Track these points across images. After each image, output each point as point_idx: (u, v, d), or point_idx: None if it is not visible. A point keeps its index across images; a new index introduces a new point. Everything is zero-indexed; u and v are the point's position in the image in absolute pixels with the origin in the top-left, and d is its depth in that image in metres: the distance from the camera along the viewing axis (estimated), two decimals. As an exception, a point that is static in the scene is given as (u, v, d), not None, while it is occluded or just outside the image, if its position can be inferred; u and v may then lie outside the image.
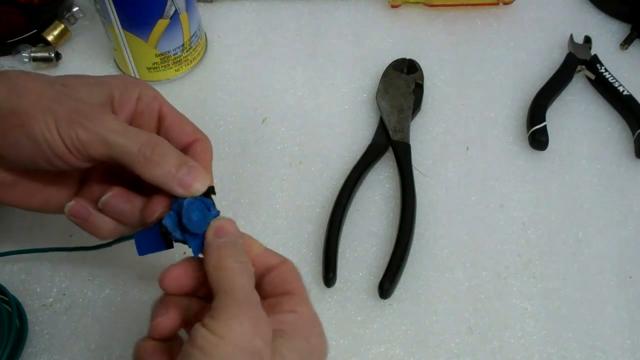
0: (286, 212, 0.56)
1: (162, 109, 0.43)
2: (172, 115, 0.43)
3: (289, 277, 0.39)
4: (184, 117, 0.44)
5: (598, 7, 0.69)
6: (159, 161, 0.38)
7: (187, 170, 0.39)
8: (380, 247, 0.54)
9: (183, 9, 0.58)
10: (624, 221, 0.56)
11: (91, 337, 0.50)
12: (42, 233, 0.54)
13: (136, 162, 0.38)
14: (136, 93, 0.42)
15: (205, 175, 0.40)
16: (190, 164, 0.39)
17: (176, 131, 0.43)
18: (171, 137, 0.43)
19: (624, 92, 0.61)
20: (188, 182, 0.39)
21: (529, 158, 0.59)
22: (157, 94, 0.44)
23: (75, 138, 0.38)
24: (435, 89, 0.63)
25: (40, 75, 0.41)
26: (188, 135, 0.43)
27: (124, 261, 0.53)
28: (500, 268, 0.53)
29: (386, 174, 0.58)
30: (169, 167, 0.38)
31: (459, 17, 0.68)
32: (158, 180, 0.39)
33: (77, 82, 0.41)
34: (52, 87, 0.40)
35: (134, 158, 0.38)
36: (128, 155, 0.38)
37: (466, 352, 0.49)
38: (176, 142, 0.43)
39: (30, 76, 0.40)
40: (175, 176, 0.38)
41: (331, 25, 0.68)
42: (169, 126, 0.43)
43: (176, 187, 0.39)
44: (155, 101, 0.43)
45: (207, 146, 0.43)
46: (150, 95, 0.43)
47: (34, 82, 0.40)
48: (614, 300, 0.52)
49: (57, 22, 0.65)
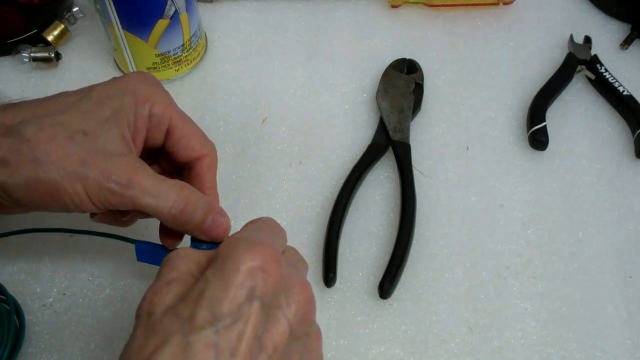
0: (286, 212, 0.56)
1: (171, 122, 0.43)
2: (180, 127, 0.43)
3: None
4: (191, 127, 0.44)
5: (598, 7, 0.69)
6: (187, 220, 0.40)
7: (211, 221, 0.40)
8: (380, 247, 0.54)
9: (183, 9, 0.58)
10: (624, 221, 0.56)
11: (91, 337, 0.50)
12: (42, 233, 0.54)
13: (165, 220, 0.40)
14: (147, 110, 0.42)
15: (227, 224, 0.41)
16: (215, 213, 0.41)
17: (183, 145, 0.44)
18: (177, 151, 0.44)
19: (624, 92, 0.61)
20: (211, 232, 0.40)
21: (529, 158, 0.59)
22: (167, 103, 0.43)
23: (105, 200, 0.39)
24: (435, 89, 0.63)
25: (56, 121, 0.39)
26: (194, 151, 0.44)
27: (124, 261, 0.53)
28: (500, 268, 0.53)
29: (386, 174, 0.58)
30: (196, 222, 0.40)
31: (459, 17, 0.68)
32: (185, 232, 0.41)
33: (94, 124, 0.40)
34: (72, 141, 0.38)
35: (164, 218, 0.40)
36: (159, 215, 0.40)
37: (466, 352, 0.49)
38: (182, 156, 0.44)
39: (47, 132, 0.38)
40: (200, 227, 0.40)
41: (331, 25, 0.68)
42: (177, 140, 0.44)
43: (200, 235, 0.41)
44: (165, 116, 0.43)
45: (212, 163, 0.45)
46: (160, 111, 0.43)
47: (54, 141, 0.38)
48: (614, 300, 0.52)
49: (57, 22, 0.65)
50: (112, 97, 0.41)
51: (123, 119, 0.41)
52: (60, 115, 0.40)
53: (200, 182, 0.44)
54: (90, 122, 0.40)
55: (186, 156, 0.44)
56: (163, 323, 0.32)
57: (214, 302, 0.31)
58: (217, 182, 0.45)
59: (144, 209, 0.40)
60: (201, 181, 0.44)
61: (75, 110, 0.40)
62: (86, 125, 0.39)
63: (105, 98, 0.41)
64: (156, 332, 0.31)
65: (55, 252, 0.53)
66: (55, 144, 0.38)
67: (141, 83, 0.43)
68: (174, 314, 0.32)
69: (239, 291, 0.32)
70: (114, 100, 0.41)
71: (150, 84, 0.43)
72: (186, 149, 0.44)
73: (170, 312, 0.32)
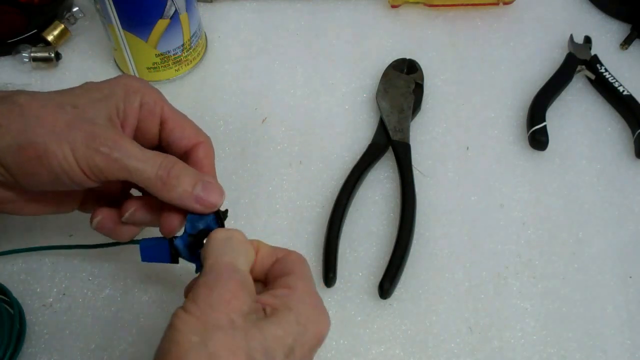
0: (286, 212, 0.56)
1: (163, 113, 0.43)
2: (173, 118, 0.44)
3: (292, 261, 0.39)
4: (185, 119, 0.45)
5: (598, 7, 0.69)
6: (175, 183, 0.40)
7: (201, 186, 0.40)
8: (380, 247, 0.54)
9: (183, 9, 0.58)
10: (624, 221, 0.56)
11: (91, 337, 0.50)
12: (42, 233, 0.54)
13: (153, 186, 0.40)
14: (138, 100, 0.42)
15: (219, 190, 0.41)
16: (204, 180, 0.40)
17: (178, 136, 0.44)
18: (173, 141, 0.44)
19: (624, 92, 0.61)
20: (204, 197, 0.40)
21: (529, 158, 0.59)
22: (158, 96, 0.44)
23: (93, 165, 0.39)
24: (435, 89, 0.63)
25: (49, 96, 0.41)
26: (189, 139, 0.44)
27: (124, 261, 0.53)
28: (500, 268, 0.53)
29: (386, 174, 0.58)
30: (185, 186, 0.40)
31: (459, 17, 0.68)
32: (175, 201, 0.40)
33: (85, 101, 0.41)
34: (63, 110, 0.40)
35: (151, 182, 0.40)
36: (146, 180, 0.40)
37: (466, 352, 0.49)
38: (178, 146, 0.44)
39: (39, 101, 0.40)
40: (191, 194, 0.40)
41: (331, 25, 0.68)
42: (171, 130, 0.44)
43: (193, 204, 0.40)
44: (157, 106, 0.43)
45: (208, 150, 0.44)
46: (152, 101, 0.43)
47: (45, 108, 0.39)
48: (614, 300, 0.52)
49: (57, 22, 0.65)
50: (103, 88, 0.42)
51: (112, 104, 0.42)
52: (53, 94, 0.41)
53: (199, 168, 0.43)
54: (80, 100, 0.41)
55: (182, 145, 0.44)
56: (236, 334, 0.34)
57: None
58: (215, 171, 0.45)
59: (131, 175, 0.39)
60: (200, 168, 0.43)
61: (67, 92, 0.42)
62: (77, 101, 0.41)
63: (96, 88, 0.42)
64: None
65: (55, 252, 0.53)
66: (46, 110, 0.39)
67: (132, 80, 0.44)
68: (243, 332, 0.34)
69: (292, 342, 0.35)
70: (104, 90, 0.42)
71: (141, 81, 0.44)
72: (181, 139, 0.44)
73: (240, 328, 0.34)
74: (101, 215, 0.44)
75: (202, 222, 0.41)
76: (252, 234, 0.41)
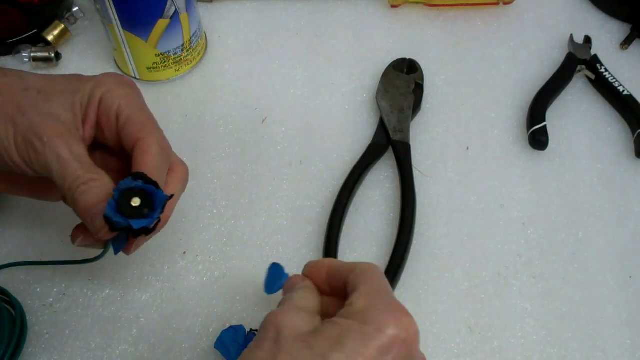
0: (286, 212, 0.56)
1: (118, 108, 0.43)
2: (126, 114, 0.43)
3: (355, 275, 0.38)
4: (135, 115, 0.43)
5: (598, 7, 0.69)
6: (78, 199, 0.40)
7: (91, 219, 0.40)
8: (380, 247, 0.54)
9: (183, 9, 0.58)
10: (624, 221, 0.56)
11: (91, 337, 0.50)
12: (42, 233, 0.54)
13: (64, 194, 0.40)
14: (99, 94, 0.42)
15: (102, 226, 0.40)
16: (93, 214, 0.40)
17: (125, 135, 0.43)
18: (123, 139, 0.43)
19: (624, 92, 0.61)
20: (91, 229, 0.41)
21: (529, 158, 0.59)
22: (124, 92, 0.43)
23: (26, 155, 0.40)
24: (435, 89, 0.63)
25: (21, 77, 0.42)
26: (131, 136, 0.43)
27: (124, 261, 0.53)
28: (500, 268, 0.53)
29: (386, 174, 0.58)
30: (80, 211, 0.40)
31: (459, 17, 0.68)
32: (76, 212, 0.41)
33: (54, 90, 0.42)
34: (25, 93, 0.41)
35: (64, 190, 0.40)
36: (60, 186, 0.40)
37: (466, 352, 0.49)
38: (127, 144, 0.43)
39: (8, 78, 0.41)
40: (86, 217, 0.40)
41: (331, 25, 0.68)
42: (122, 126, 0.43)
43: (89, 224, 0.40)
44: (115, 101, 0.43)
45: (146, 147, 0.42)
46: (111, 96, 0.43)
47: (10, 85, 0.41)
48: (614, 300, 0.52)
49: (57, 22, 0.65)
50: (82, 80, 0.43)
51: (78, 97, 0.42)
52: (30, 75, 0.43)
53: (135, 168, 0.41)
54: (51, 87, 0.42)
55: (130, 143, 0.42)
56: (295, 347, 0.33)
57: (351, 353, 0.33)
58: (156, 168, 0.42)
59: (52, 176, 0.40)
60: (137, 167, 0.41)
61: (45, 78, 0.43)
62: (44, 86, 0.42)
63: (77, 79, 0.43)
64: (285, 352, 0.33)
65: (55, 252, 0.53)
66: (9, 87, 0.41)
67: (108, 76, 0.44)
68: (306, 344, 0.33)
69: (376, 354, 0.33)
70: (79, 83, 0.43)
71: (116, 77, 0.44)
72: (126, 138, 0.43)
73: (301, 340, 0.34)
74: (82, 234, 0.44)
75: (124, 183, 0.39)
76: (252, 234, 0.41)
